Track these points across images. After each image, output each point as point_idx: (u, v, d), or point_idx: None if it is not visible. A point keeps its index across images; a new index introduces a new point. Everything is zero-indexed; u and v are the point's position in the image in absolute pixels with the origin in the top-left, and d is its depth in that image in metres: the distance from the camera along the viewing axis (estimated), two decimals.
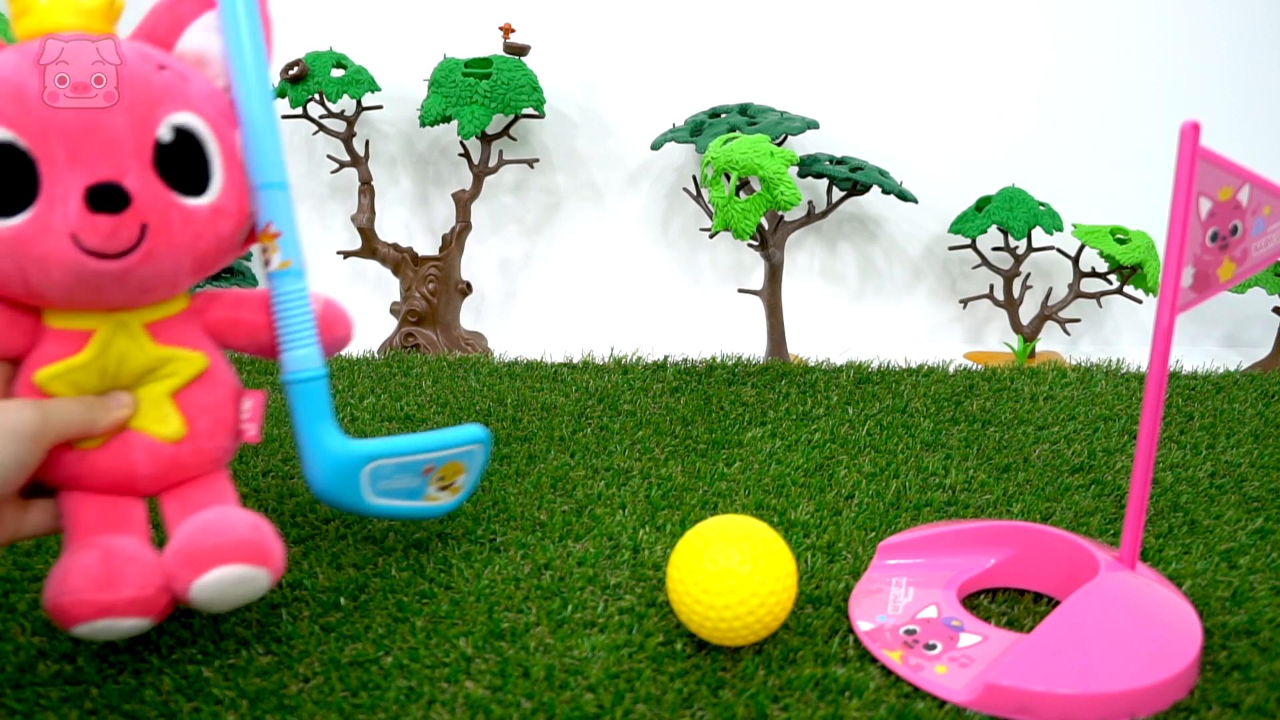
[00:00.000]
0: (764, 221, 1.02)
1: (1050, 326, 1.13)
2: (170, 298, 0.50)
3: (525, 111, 1.07)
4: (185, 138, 0.46)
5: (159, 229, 0.45)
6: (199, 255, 0.48)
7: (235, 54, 0.50)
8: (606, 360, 0.99)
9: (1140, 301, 1.05)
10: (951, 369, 0.96)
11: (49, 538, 0.61)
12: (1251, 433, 0.80)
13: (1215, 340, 1.21)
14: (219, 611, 0.49)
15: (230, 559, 0.46)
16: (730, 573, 0.47)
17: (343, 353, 1.04)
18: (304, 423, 0.54)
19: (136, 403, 0.49)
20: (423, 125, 1.05)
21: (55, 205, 0.43)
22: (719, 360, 0.98)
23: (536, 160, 1.15)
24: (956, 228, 1.07)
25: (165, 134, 0.45)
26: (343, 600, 0.54)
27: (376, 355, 1.04)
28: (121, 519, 0.49)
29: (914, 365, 0.98)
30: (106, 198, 0.43)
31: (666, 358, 0.99)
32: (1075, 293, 1.06)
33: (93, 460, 0.48)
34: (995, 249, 1.08)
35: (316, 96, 1.06)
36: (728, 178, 0.93)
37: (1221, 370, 0.98)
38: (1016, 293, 1.08)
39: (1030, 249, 1.06)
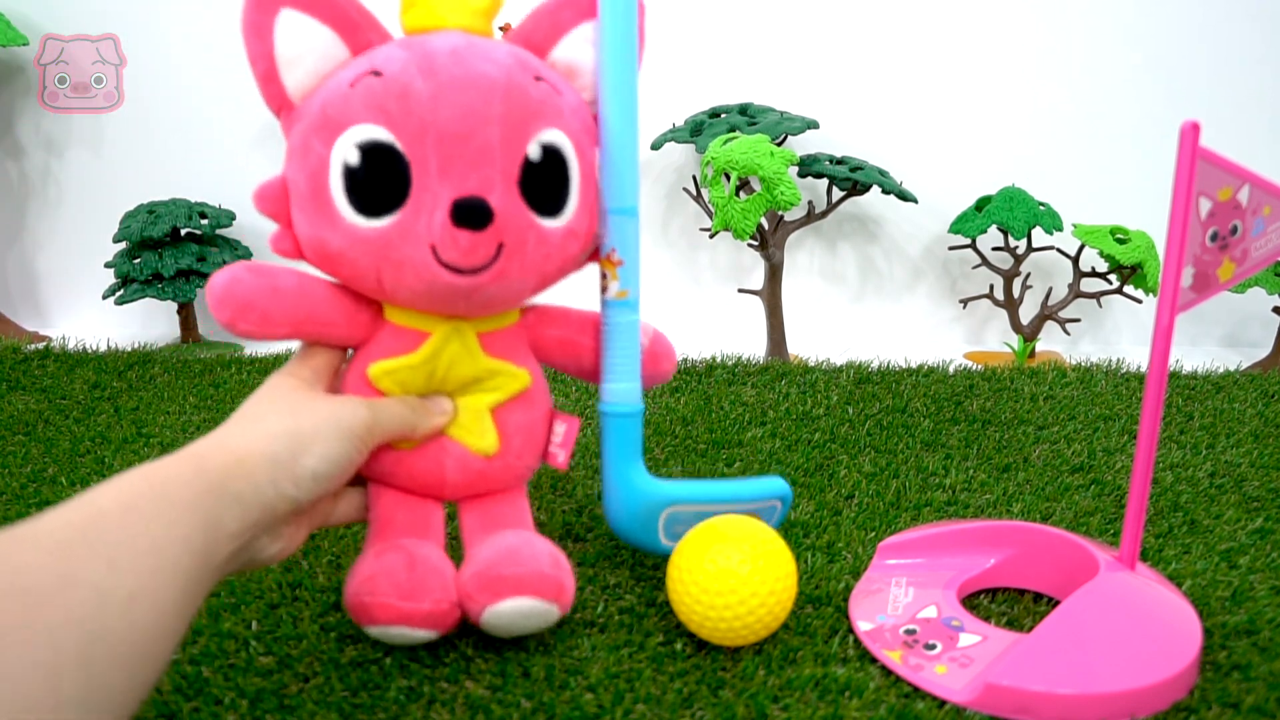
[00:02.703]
0: (764, 221, 1.02)
1: (1050, 326, 1.13)
2: (506, 311, 0.50)
3: None
4: (552, 156, 0.45)
5: (514, 249, 0.44)
6: (545, 276, 0.47)
7: (609, 69, 0.49)
8: None
9: (1140, 301, 1.05)
10: (951, 369, 0.96)
11: None
12: (1251, 433, 0.80)
13: (1215, 340, 1.21)
14: (502, 636, 0.49)
15: (529, 591, 0.46)
16: (730, 573, 0.47)
17: None
18: (613, 457, 0.53)
19: (456, 411, 0.49)
20: None
21: (421, 213, 0.42)
22: (719, 360, 0.98)
23: None
24: (956, 228, 1.07)
25: (534, 151, 0.44)
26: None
27: None
28: (425, 524, 0.49)
29: (914, 365, 0.98)
30: (472, 214, 0.42)
31: None
32: (1075, 293, 1.06)
33: (407, 461, 0.48)
34: (995, 249, 1.08)
35: None
36: (728, 178, 0.93)
37: (1221, 370, 0.98)
38: (1016, 293, 1.08)
39: (1030, 249, 1.06)
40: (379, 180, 0.42)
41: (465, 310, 0.46)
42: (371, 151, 0.42)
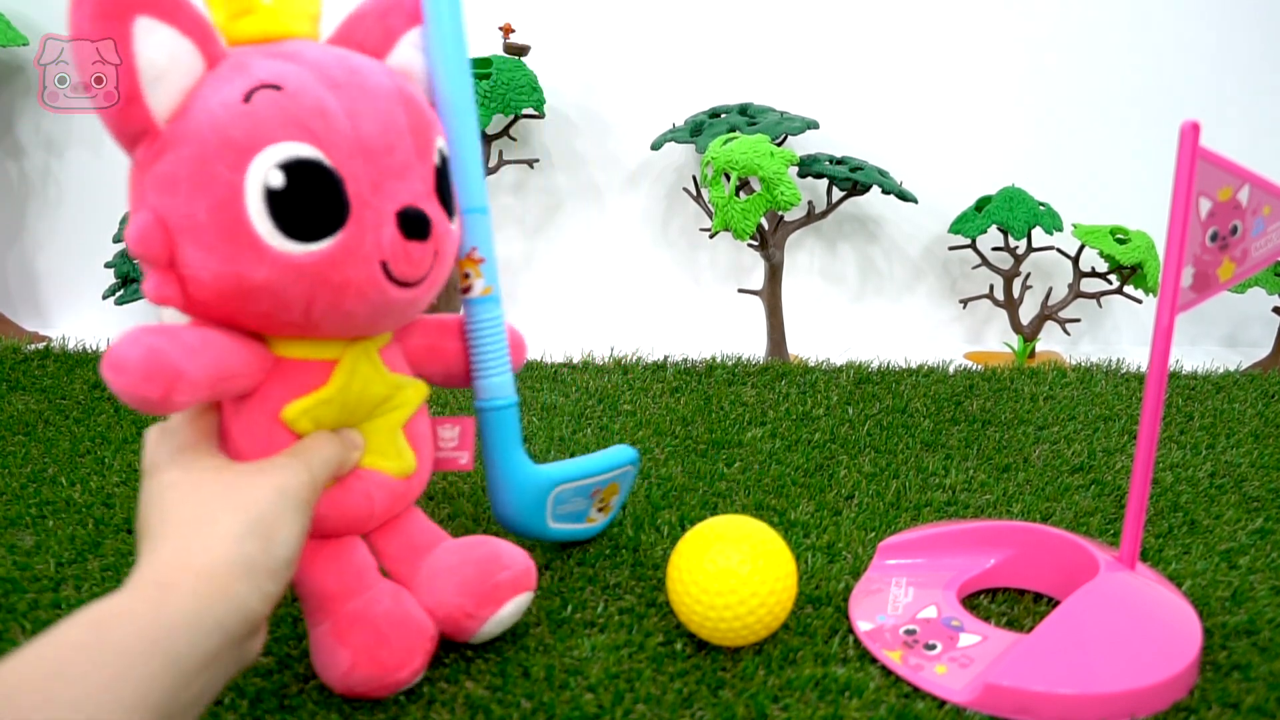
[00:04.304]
0: (764, 221, 1.02)
1: (1050, 326, 1.13)
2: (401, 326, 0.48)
3: (525, 111, 1.07)
4: (444, 162, 0.45)
5: (442, 256, 0.44)
6: (446, 281, 0.47)
7: (445, 74, 0.48)
8: (606, 360, 0.99)
9: (1140, 301, 1.05)
10: (951, 369, 0.96)
11: (54, 532, 0.61)
12: (1251, 433, 0.80)
13: (1215, 340, 1.21)
14: (489, 638, 0.49)
15: (524, 588, 0.49)
16: (730, 573, 0.47)
17: None
18: (497, 450, 0.53)
19: (365, 439, 0.46)
20: None
21: (366, 230, 0.40)
22: (719, 360, 0.98)
23: (536, 160, 1.15)
24: (956, 228, 1.07)
25: (437, 159, 0.44)
26: None
27: None
28: (359, 571, 0.46)
29: (914, 365, 0.98)
30: (418, 224, 0.41)
31: (666, 358, 0.99)
32: (1075, 293, 1.06)
33: (337, 505, 0.45)
34: (995, 249, 1.08)
35: None
36: (728, 178, 0.93)
37: (1221, 370, 0.98)
38: (1016, 293, 1.08)
39: (1030, 249, 1.06)
40: (313, 201, 0.38)
41: (390, 325, 0.45)
42: (299, 171, 0.38)
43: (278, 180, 0.38)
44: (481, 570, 0.47)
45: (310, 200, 0.38)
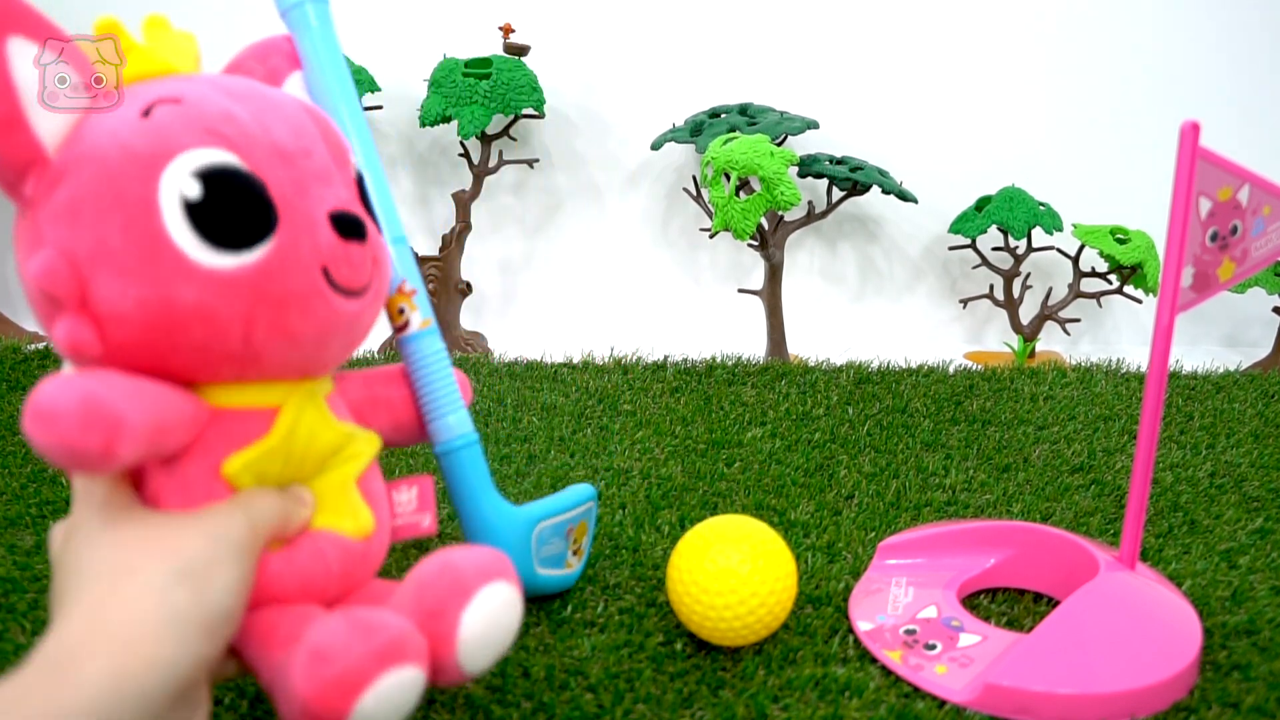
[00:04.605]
0: (764, 221, 1.02)
1: (1050, 326, 1.13)
2: (345, 361, 0.43)
3: (525, 111, 1.07)
4: (361, 178, 0.42)
5: (381, 265, 0.41)
6: (385, 298, 0.43)
7: (338, 110, 0.48)
8: (606, 360, 0.99)
9: (1140, 301, 1.05)
10: (951, 369, 0.96)
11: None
12: (1251, 433, 0.80)
13: (1215, 340, 1.21)
14: (483, 660, 0.39)
15: (490, 576, 0.39)
16: (730, 573, 0.47)
17: None
18: (468, 493, 0.49)
19: (314, 497, 0.40)
20: (423, 125, 1.05)
21: (300, 234, 0.36)
22: (719, 360, 0.98)
23: (536, 160, 1.15)
24: (956, 228, 1.07)
25: (356, 170, 0.41)
26: None
27: (377, 355, 1.04)
28: (304, 614, 0.39)
29: (914, 365, 0.98)
30: (352, 225, 0.38)
31: (666, 358, 0.99)
32: (1075, 293, 1.06)
33: (289, 567, 0.39)
34: (995, 249, 1.08)
35: None
36: (728, 178, 0.93)
37: (1221, 370, 0.98)
38: (1016, 293, 1.08)
39: (1030, 249, 1.06)
40: (236, 207, 0.35)
41: (338, 350, 0.40)
42: (217, 178, 0.35)
43: (194, 189, 0.34)
44: (441, 565, 0.39)
45: (234, 206, 0.35)
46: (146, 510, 0.36)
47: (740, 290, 1.06)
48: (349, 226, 0.38)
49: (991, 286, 1.10)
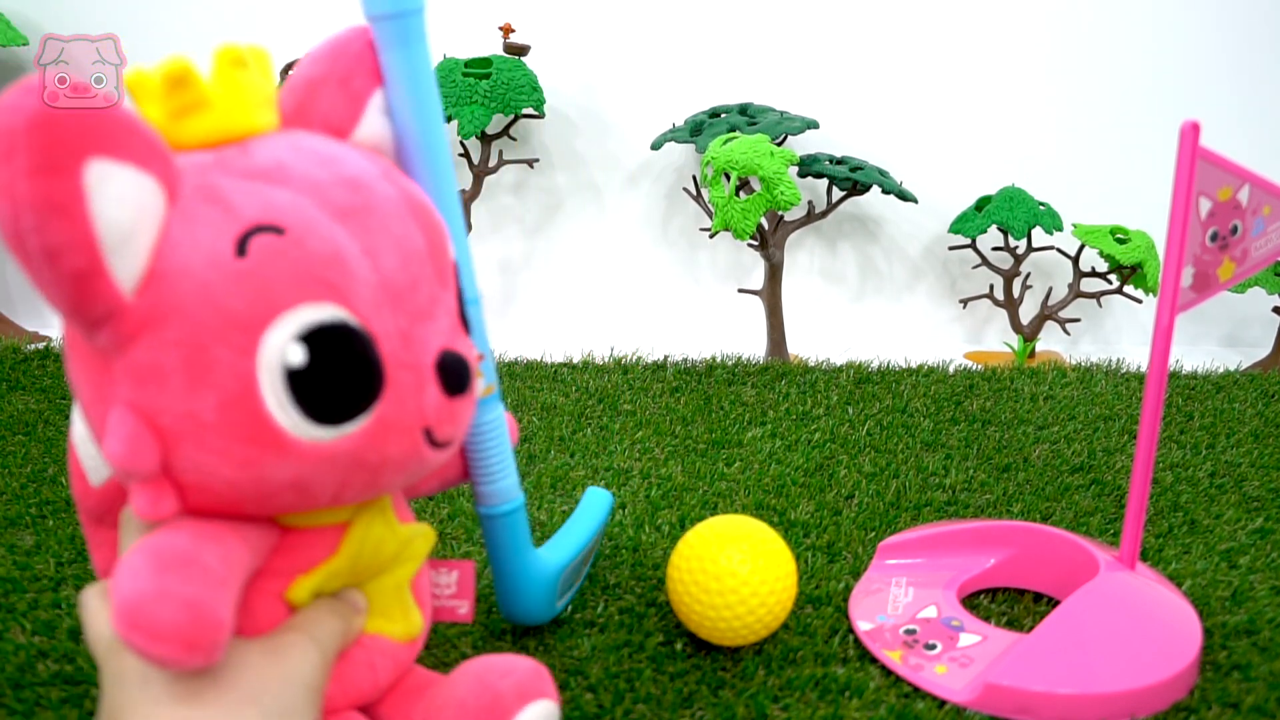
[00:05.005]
0: (764, 221, 1.02)
1: (1050, 326, 1.13)
2: None
3: (525, 111, 1.07)
4: (456, 272, 0.36)
5: (475, 401, 0.37)
6: None
7: (422, 143, 0.39)
8: (606, 360, 0.99)
9: (1140, 301, 1.05)
10: (951, 369, 0.96)
11: (54, 531, 0.61)
12: (1251, 433, 0.80)
13: (1215, 340, 1.21)
14: None
15: (531, 696, 0.38)
16: (730, 573, 0.47)
17: None
18: (509, 555, 0.48)
19: (368, 600, 0.38)
20: None
21: (405, 397, 0.32)
22: (719, 360, 0.98)
23: (536, 160, 1.15)
24: (956, 228, 1.07)
25: (453, 262, 0.36)
26: None
27: None
28: None
29: (914, 365, 0.98)
30: (460, 377, 0.33)
31: (666, 358, 0.99)
32: (1075, 293, 1.06)
33: (333, 680, 0.36)
34: (995, 249, 1.08)
35: None
36: (728, 178, 0.93)
37: (1221, 370, 0.98)
38: (1016, 293, 1.08)
39: (1030, 249, 1.06)
40: (343, 374, 0.30)
41: (417, 480, 0.37)
42: (323, 340, 0.30)
43: (298, 356, 0.29)
44: (479, 685, 0.38)
45: (340, 374, 0.30)
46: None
47: (740, 290, 1.06)
48: (456, 379, 0.33)
49: (991, 286, 1.10)
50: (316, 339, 0.30)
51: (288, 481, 0.31)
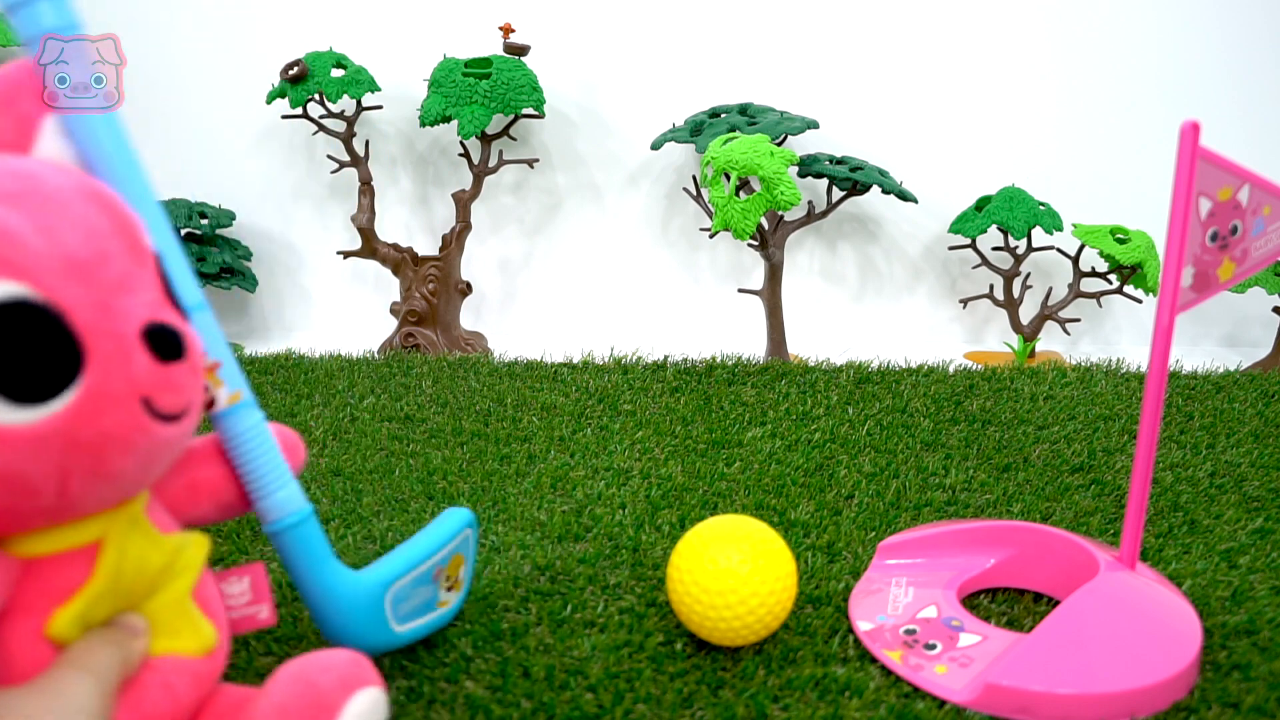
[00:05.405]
0: (764, 221, 1.02)
1: (1050, 326, 1.13)
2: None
3: (525, 111, 1.07)
4: (158, 260, 0.36)
5: (200, 373, 0.36)
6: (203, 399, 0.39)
7: (107, 157, 0.38)
8: (606, 360, 0.99)
9: (1140, 301, 1.05)
10: (951, 369, 0.96)
11: None
12: (1251, 433, 0.80)
13: (1215, 340, 1.21)
14: None
15: (354, 686, 0.37)
16: (730, 572, 0.47)
17: (342, 353, 1.04)
18: (307, 570, 0.45)
19: (147, 622, 0.36)
20: (423, 125, 1.05)
21: (113, 366, 0.31)
22: (719, 360, 0.98)
23: (536, 160, 1.15)
24: (956, 228, 1.07)
25: (152, 254, 0.35)
26: None
27: (376, 355, 1.04)
28: None
29: (914, 365, 0.98)
30: (169, 341, 0.32)
31: (666, 358, 0.99)
32: (1075, 293, 1.06)
33: (127, 711, 0.34)
34: (995, 249, 1.08)
35: (316, 96, 1.06)
36: (728, 178, 0.93)
37: (1221, 370, 0.98)
38: (1016, 293, 1.08)
39: (1030, 249, 1.06)
40: (35, 350, 0.29)
41: (159, 474, 0.35)
42: (7, 317, 0.29)
43: None
44: (300, 684, 0.37)
45: (31, 351, 0.29)
46: None
47: (740, 290, 1.06)
48: (167, 345, 0.32)
49: (991, 286, 1.10)
50: (2, 317, 0.29)
51: (1, 474, 0.30)
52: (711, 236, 1.03)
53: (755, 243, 1.01)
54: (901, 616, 0.52)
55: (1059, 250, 1.09)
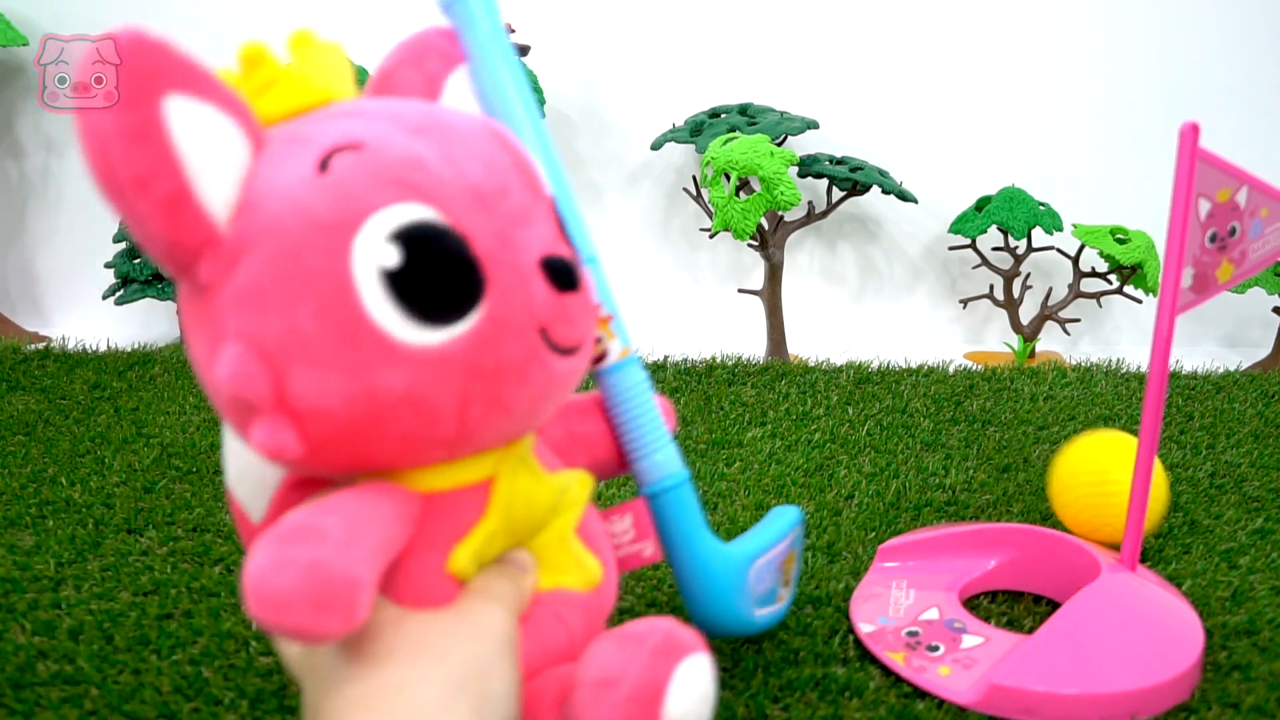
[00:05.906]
0: (764, 221, 1.02)
1: (1050, 326, 1.13)
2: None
3: None
4: (553, 201, 0.36)
5: (594, 312, 0.36)
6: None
7: (508, 114, 0.41)
8: None
9: (1140, 301, 1.05)
10: (951, 369, 0.96)
11: (54, 532, 0.61)
12: (1251, 433, 0.80)
13: (1215, 340, 1.21)
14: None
15: (684, 651, 0.35)
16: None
17: None
18: (682, 538, 0.44)
19: (535, 558, 0.37)
20: None
21: (512, 294, 0.31)
22: (719, 360, 0.98)
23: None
24: (956, 228, 1.07)
25: (549, 197, 0.36)
26: None
27: None
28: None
29: (914, 365, 0.98)
30: (566, 273, 0.33)
31: (666, 358, 0.99)
32: (1075, 293, 1.06)
33: (526, 641, 0.35)
34: (995, 249, 1.08)
35: None
36: (728, 178, 0.93)
37: (1221, 370, 0.98)
38: (1016, 293, 1.08)
39: (1030, 249, 1.06)
40: (441, 271, 0.30)
41: (549, 413, 0.36)
42: (416, 239, 0.30)
43: (393, 257, 0.30)
44: (625, 650, 0.35)
45: (438, 271, 0.30)
46: (401, 611, 0.32)
47: (740, 290, 1.06)
48: (563, 276, 0.33)
49: (991, 286, 1.10)
50: (408, 239, 0.30)
51: (401, 393, 0.30)
52: (711, 236, 1.03)
53: (755, 243, 1.01)
54: (903, 619, 0.52)
55: (1059, 250, 1.09)
